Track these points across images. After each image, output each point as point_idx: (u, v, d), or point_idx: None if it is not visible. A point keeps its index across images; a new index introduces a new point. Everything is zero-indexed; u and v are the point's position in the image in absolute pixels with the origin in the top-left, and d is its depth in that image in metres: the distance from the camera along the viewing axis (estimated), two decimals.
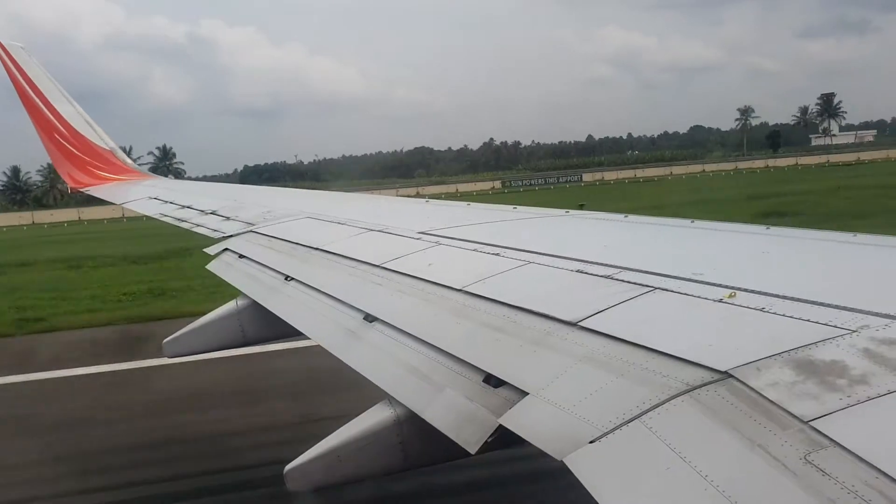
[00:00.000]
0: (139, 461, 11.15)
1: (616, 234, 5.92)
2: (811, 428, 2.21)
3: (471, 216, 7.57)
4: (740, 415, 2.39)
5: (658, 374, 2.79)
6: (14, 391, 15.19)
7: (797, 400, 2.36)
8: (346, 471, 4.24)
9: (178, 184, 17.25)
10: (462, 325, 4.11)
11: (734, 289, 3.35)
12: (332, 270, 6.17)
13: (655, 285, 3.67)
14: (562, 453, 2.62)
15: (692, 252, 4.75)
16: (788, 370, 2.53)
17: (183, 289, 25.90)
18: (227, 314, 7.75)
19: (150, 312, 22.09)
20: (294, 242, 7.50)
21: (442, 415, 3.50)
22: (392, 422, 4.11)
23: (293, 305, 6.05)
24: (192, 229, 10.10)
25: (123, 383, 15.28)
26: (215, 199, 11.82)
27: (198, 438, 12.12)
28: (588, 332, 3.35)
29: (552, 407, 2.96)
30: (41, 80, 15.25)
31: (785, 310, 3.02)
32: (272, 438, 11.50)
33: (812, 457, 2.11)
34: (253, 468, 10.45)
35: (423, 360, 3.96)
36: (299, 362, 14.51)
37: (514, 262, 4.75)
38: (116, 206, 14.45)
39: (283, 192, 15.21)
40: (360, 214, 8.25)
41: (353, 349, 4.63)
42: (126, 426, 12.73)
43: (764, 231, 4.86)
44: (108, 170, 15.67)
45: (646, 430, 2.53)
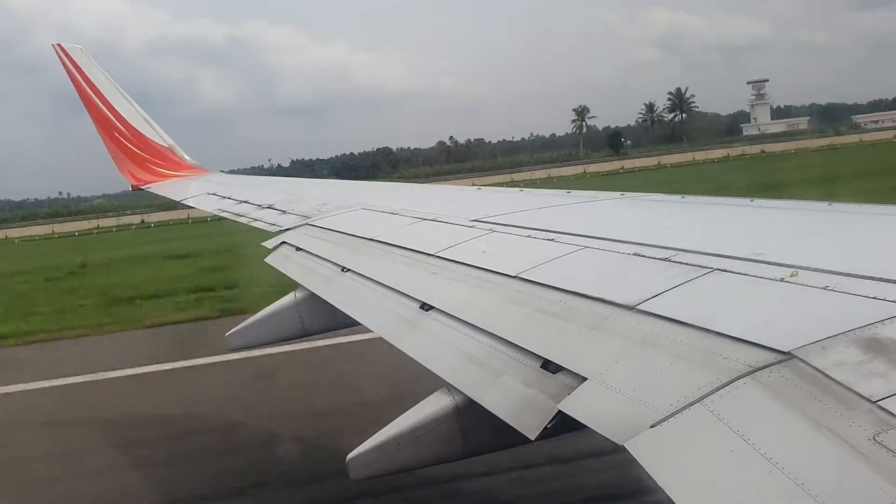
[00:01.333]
0: None
1: (672, 215, 5.83)
2: (879, 408, 2.15)
3: (523, 202, 7.53)
4: (805, 396, 2.34)
5: (719, 356, 2.75)
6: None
7: (864, 379, 2.30)
8: (407, 459, 4.29)
9: (234, 178, 17.52)
10: (518, 312, 4.10)
11: (796, 268, 3.27)
12: (386, 260, 6.22)
13: (714, 266, 3.61)
14: (623, 438, 2.60)
15: (752, 231, 4.65)
16: (854, 349, 2.46)
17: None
18: (286, 306, 7.88)
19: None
20: (349, 234, 7.57)
21: (500, 401, 3.50)
22: (451, 409, 4.13)
23: (350, 296, 6.11)
24: (251, 223, 10.28)
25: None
26: (272, 193, 11.99)
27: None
28: (646, 316, 3.31)
29: (611, 392, 2.94)
30: (100, 81, 15.64)
31: (849, 287, 2.94)
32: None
33: (881, 437, 2.05)
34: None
35: (480, 347, 3.96)
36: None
37: (568, 248, 4.71)
38: (181, 209, 14.75)
39: (337, 184, 15.39)
40: (413, 204, 8.28)
41: (411, 338, 4.66)
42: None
43: (825, 208, 4.73)
44: (167, 167, 15.99)
45: (708, 413, 2.50)
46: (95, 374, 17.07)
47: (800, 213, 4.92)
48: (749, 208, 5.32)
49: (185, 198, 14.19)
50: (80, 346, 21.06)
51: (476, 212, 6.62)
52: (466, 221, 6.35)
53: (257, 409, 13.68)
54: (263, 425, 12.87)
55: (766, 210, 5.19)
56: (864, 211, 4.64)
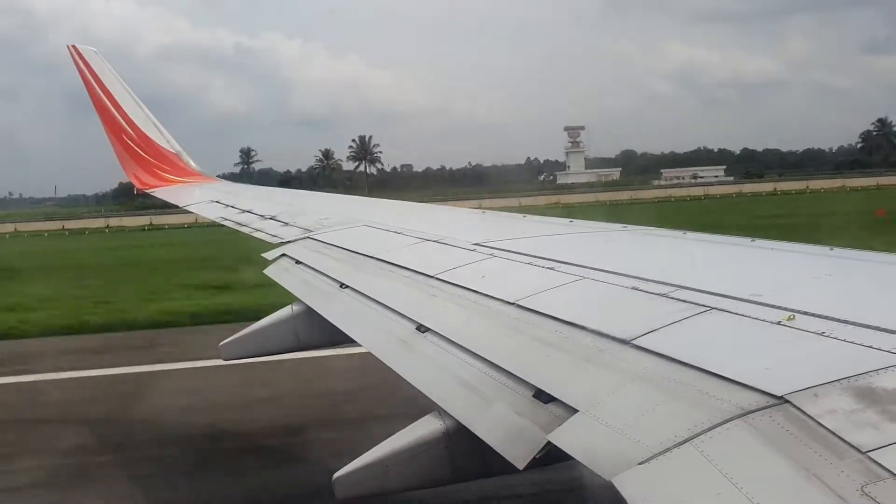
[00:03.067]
0: None
1: (673, 251, 5.83)
2: (869, 458, 2.14)
3: (526, 229, 7.54)
4: (796, 442, 2.33)
5: (712, 396, 2.74)
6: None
7: (855, 429, 2.29)
8: (394, 481, 4.26)
9: (238, 187, 17.55)
10: (514, 339, 4.09)
11: (794, 311, 3.27)
12: (386, 279, 6.21)
13: (712, 305, 3.61)
14: (610, 473, 2.59)
15: (751, 272, 4.65)
16: (848, 398, 2.46)
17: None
18: (282, 319, 7.87)
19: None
20: (350, 250, 7.57)
21: (491, 429, 3.49)
22: (441, 434, 4.11)
23: (347, 313, 6.11)
24: (252, 234, 10.28)
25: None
26: (274, 205, 12.01)
27: None
28: (641, 351, 3.30)
29: (602, 426, 2.92)
30: (112, 84, 15.72)
31: (846, 335, 2.94)
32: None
33: (869, 488, 2.04)
34: None
35: (474, 372, 3.95)
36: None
37: (568, 277, 4.71)
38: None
39: (341, 199, 15.38)
40: (416, 224, 8.29)
41: (405, 359, 4.65)
42: None
43: (826, 252, 4.73)
44: (173, 172, 16.04)
45: (697, 453, 2.48)
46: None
47: (800, 257, 4.92)
48: (750, 248, 5.32)
49: (188, 204, 14.22)
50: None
51: (478, 236, 6.62)
52: (468, 245, 6.35)
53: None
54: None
55: (767, 251, 5.19)
56: (865, 258, 4.64)
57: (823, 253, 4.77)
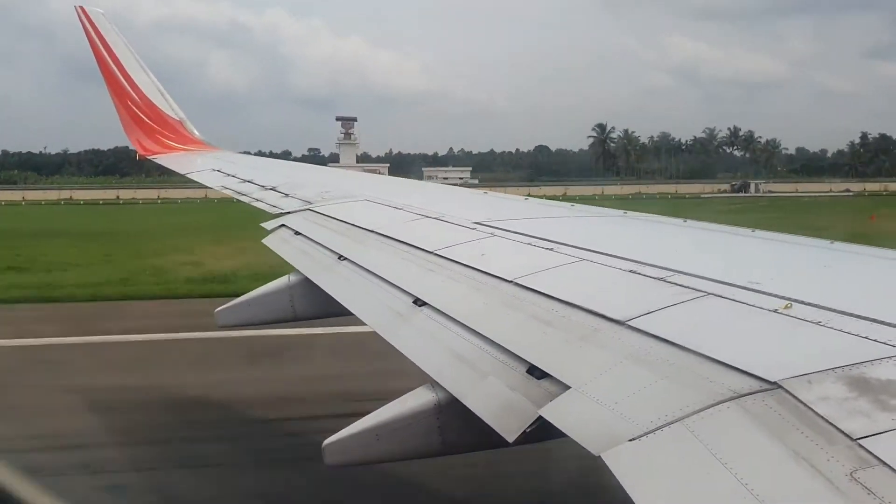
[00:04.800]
0: None
1: (673, 237, 5.83)
2: (860, 446, 2.16)
3: (528, 210, 7.54)
4: (788, 426, 2.34)
5: (705, 378, 2.75)
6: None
7: (847, 416, 2.30)
8: (383, 450, 4.28)
9: (241, 158, 17.50)
10: (510, 316, 4.10)
11: (791, 300, 3.27)
12: (385, 253, 6.21)
13: (709, 290, 3.61)
14: (600, 449, 2.60)
15: (750, 260, 4.66)
16: (841, 386, 2.47)
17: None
18: (278, 289, 7.86)
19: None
20: (350, 223, 7.56)
21: (483, 402, 3.50)
22: (433, 406, 4.12)
23: (344, 284, 6.10)
24: (252, 203, 10.26)
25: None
26: (276, 176, 11.98)
27: None
28: (636, 332, 3.31)
29: (594, 402, 2.93)
30: (119, 48, 15.62)
31: (842, 325, 2.94)
32: None
33: (859, 474, 2.06)
34: None
35: (469, 347, 3.96)
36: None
37: (567, 258, 4.72)
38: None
39: (342, 173, 15.39)
40: (418, 201, 8.28)
41: (401, 332, 4.66)
42: None
43: (826, 245, 4.73)
44: (176, 139, 15.98)
45: (688, 433, 2.49)
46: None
47: (800, 248, 4.92)
48: (749, 238, 5.32)
49: (189, 171, 14.18)
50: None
51: (479, 215, 6.62)
52: (469, 223, 6.35)
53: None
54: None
55: (767, 241, 5.19)
56: (863, 252, 4.64)
57: (823, 246, 4.77)
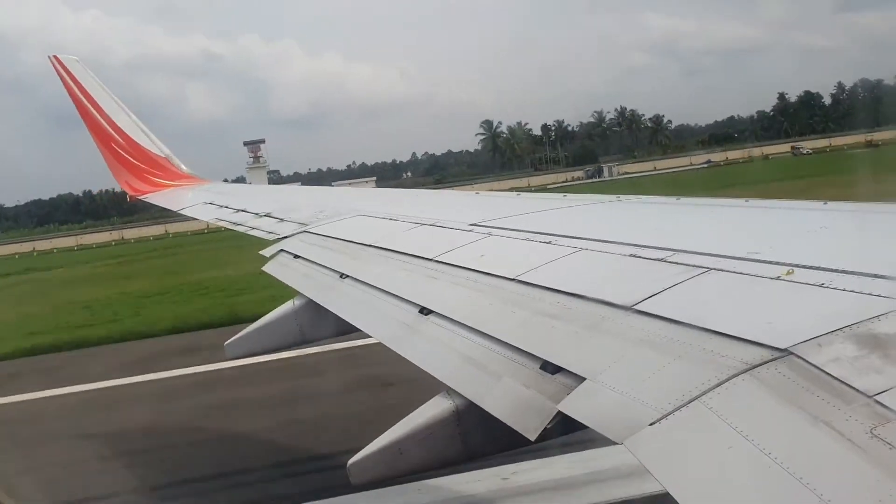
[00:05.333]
0: None
1: (668, 216, 5.85)
2: (876, 402, 2.17)
3: (521, 206, 7.55)
4: (802, 392, 2.36)
5: (717, 354, 2.77)
6: None
7: (861, 374, 2.32)
8: (408, 463, 4.29)
9: (231, 187, 17.54)
10: (517, 314, 4.12)
11: (792, 266, 3.29)
12: (385, 266, 6.23)
13: (710, 266, 3.63)
14: (622, 437, 2.62)
15: (747, 231, 4.67)
16: (850, 345, 2.48)
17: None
18: (284, 314, 7.87)
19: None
20: (347, 240, 7.58)
21: (500, 403, 3.51)
22: (451, 413, 4.14)
23: (349, 302, 6.12)
24: (248, 232, 10.27)
25: None
26: (269, 202, 12.00)
27: None
28: (644, 316, 3.33)
29: (610, 391, 2.95)
30: (97, 92, 15.65)
31: (845, 284, 2.96)
32: None
33: (878, 430, 2.07)
34: None
35: (480, 350, 3.98)
36: None
37: (566, 250, 4.73)
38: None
39: (334, 191, 15.39)
40: (412, 210, 8.30)
41: (410, 343, 4.67)
42: None
43: (821, 206, 4.75)
44: (164, 176, 15.99)
45: (706, 410, 2.51)
46: None
47: (795, 213, 4.94)
48: (743, 209, 5.34)
49: (182, 207, 14.18)
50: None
51: (474, 216, 6.63)
52: (464, 226, 6.37)
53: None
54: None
55: (761, 210, 5.21)
56: (859, 209, 4.66)
57: (818, 207, 4.79)
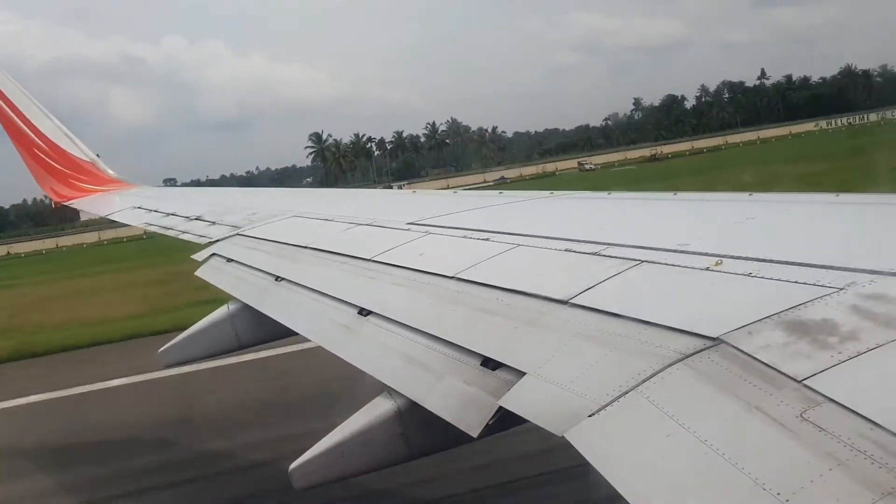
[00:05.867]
0: None
1: (601, 211, 5.95)
2: (805, 386, 2.25)
3: (458, 203, 7.58)
4: (735, 378, 2.43)
5: (651, 344, 2.83)
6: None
7: (790, 360, 2.39)
8: (351, 465, 4.27)
9: (161, 191, 17.15)
10: (457, 312, 4.13)
11: (720, 256, 3.38)
12: (322, 268, 6.17)
13: (642, 258, 3.70)
14: (562, 429, 2.65)
15: (677, 223, 4.78)
16: (779, 332, 2.56)
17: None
18: (219, 319, 7.72)
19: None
20: (282, 242, 7.48)
21: (442, 402, 3.53)
22: (393, 413, 4.13)
23: (285, 305, 6.05)
24: (179, 236, 10.05)
25: None
26: (200, 205, 11.76)
27: None
28: (580, 309, 3.38)
29: (550, 385, 2.99)
30: (17, 97, 15.10)
31: (772, 273, 3.05)
32: None
33: (808, 414, 2.14)
34: None
35: (420, 349, 3.98)
36: None
37: (503, 246, 4.77)
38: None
39: (267, 192, 15.18)
40: (347, 210, 8.24)
41: (349, 344, 4.65)
42: None
43: (747, 198, 4.89)
44: (90, 181, 15.54)
45: (643, 400, 2.56)
46: None
47: (722, 204, 5.07)
48: (672, 202, 5.46)
49: (110, 212, 13.81)
50: None
51: (411, 215, 6.62)
52: (402, 225, 6.35)
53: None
54: None
55: (689, 202, 5.33)
56: (782, 200, 4.81)
57: (743, 199, 4.93)
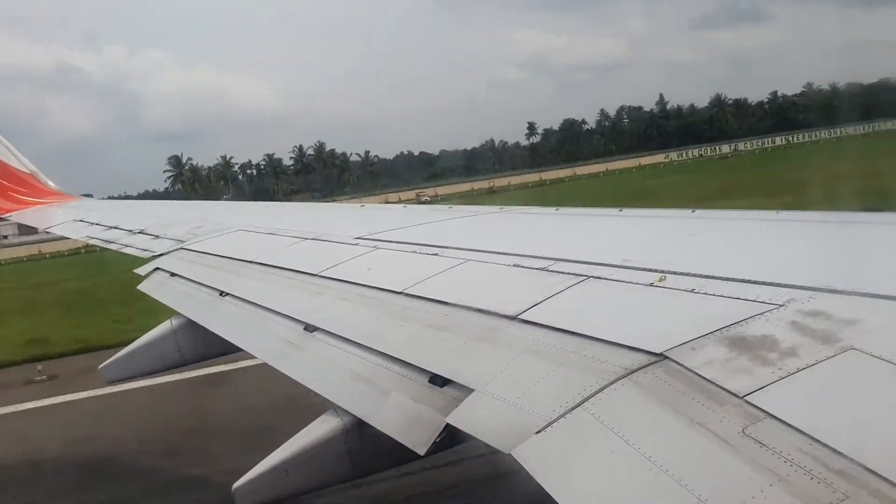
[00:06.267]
0: None
1: (549, 227, 5.99)
2: (747, 402, 2.28)
3: (407, 218, 7.56)
4: (678, 394, 2.45)
5: (597, 360, 2.84)
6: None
7: (732, 376, 2.42)
8: (295, 484, 4.19)
9: (103, 204, 16.78)
10: (404, 328, 4.10)
11: (664, 272, 3.42)
12: (268, 283, 6.09)
13: (588, 274, 3.73)
14: (509, 446, 2.64)
15: (623, 239, 4.84)
16: (722, 348, 2.60)
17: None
18: (162, 335, 7.55)
19: None
20: (227, 257, 7.37)
21: (389, 419, 3.49)
22: (339, 431, 4.07)
23: (230, 321, 5.95)
24: (122, 250, 9.83)
25: None
26: (143, 218, 11.54)
27: None
28: (528, 325, 3.38)
29: (497, 401, 2.98)
30: None
31: (714, 289, 3.10)
32: None
33: (750, 430, 2.17)
34: None
35: (367, 365, 3.94)
36: None
37: (452, 262, 4.76)
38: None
39: (210, 205, 14.95)
40: (294, 224, 8.16)
41: (295, 360, 4.58)
42: None
43: (690, 215, 4.97)
44: (30, 193, 15.12)
45: (589, 416, 2.57)
46: None
47: (666, 221, 5.15)
48: (618, 218, 5.53)
49: (50, 225, 13.45)
50: None
51: (359, 229, 6.58)
52: (350, 239, 6.31)
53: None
54: None
55: (635, 219, 5.40)
56: (724, 216, 4.90)
57: (686, 216, 5.01)
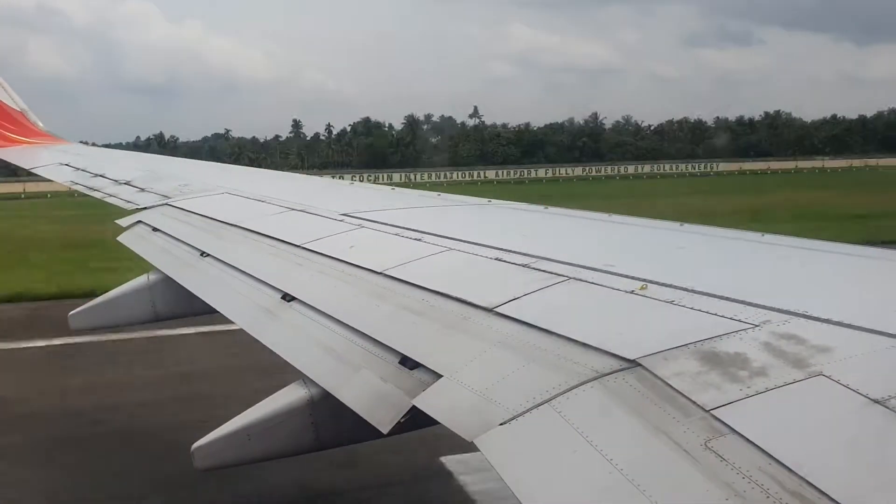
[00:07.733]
0: None
1: (535, 224, 6.01)
2: (713, 416, 2.30)
3: (395, 200, 7.56)
4: (646, 402, 2.47)
5: (569, 360, 2.86)
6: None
7: (700, 389, 2.45)
8: (256, 450, 4.20)
9: (91, 150, 16.64)
10: (381, 308, 4.12)
11: (646, 281, 3.45)
12: (250, 248, 6.08)
13: (570, 275, 3.75)
14: (472, 434, 2.66)
15: (608, 244, 4.87)
16: (694, 361, 2.62)
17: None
18: (137, 288, 7.53)
19: None
20: (212, 218, 7.34)
21: (356, 395, 3.51)
22: (305, 402, 4.09)
23: (208, 282, 5.94)
24: (105, 199, 9.78)
25: None
26: (130, 169, 11.47)
27: None
28: (503, 318, 3.40)
29: (465, 389, 3.00)
30: None
31: (693, 303, 3.13)
32: None
33: (712, 443, 2.20)
34: None
35: (341, 340, 3.95)
36: None
37: (435, 248, 4.77)
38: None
39: (201, 165, 14.83)
40: (281, 193, 8.13)
41: (270, 328, 4.59)
42: None
43: (677, 227, 5.00)
44: (18, 132, 14.98)
45: (555, 413, 2.59)
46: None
47: (653, 231, 5.18)
48: (607, 223, 5.55)
49: (35, 166, 13.35)
50: None
51: (346, 206, 6.57)
52: (336, 215, 6.30)
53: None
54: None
55: (622, 225, 5.43)
56: (711, 233, 4.93)
57: (674, 228, 5.04)
